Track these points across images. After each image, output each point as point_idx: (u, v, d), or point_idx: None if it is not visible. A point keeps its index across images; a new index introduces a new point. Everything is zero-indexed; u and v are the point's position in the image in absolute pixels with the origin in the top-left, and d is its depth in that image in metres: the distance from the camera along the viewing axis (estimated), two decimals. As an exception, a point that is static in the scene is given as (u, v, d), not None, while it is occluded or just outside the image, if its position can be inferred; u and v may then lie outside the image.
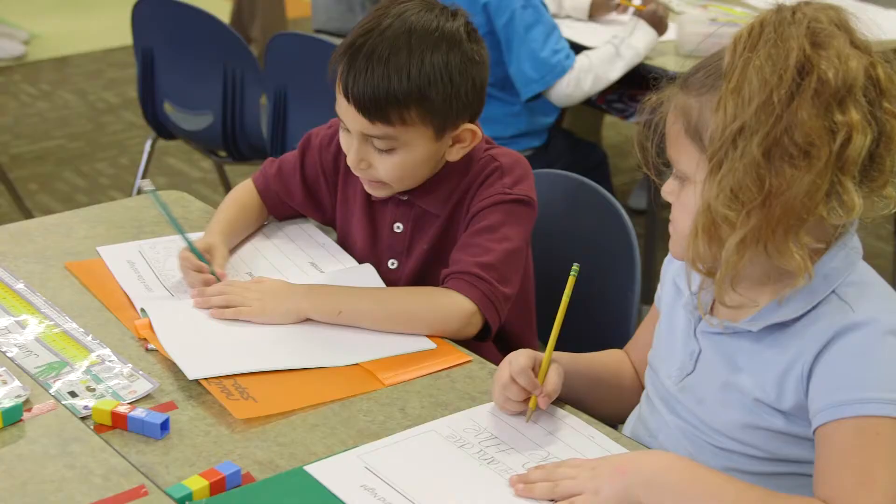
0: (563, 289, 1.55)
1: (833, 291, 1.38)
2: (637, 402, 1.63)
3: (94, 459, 1.40)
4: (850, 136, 1.29)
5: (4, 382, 1.52)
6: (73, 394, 1.53)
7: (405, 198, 1.85)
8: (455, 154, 1.79)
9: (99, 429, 1.47)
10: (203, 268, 1.79)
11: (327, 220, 1.99)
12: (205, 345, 1.66)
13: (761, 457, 1.44)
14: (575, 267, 1.54)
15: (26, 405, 1.48)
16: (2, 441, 1.42)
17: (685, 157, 1.39)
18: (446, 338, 1.72)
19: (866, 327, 1.34)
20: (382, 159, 1.75)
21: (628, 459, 1.41)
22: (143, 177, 3.73)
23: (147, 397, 1.54)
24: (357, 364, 1.65)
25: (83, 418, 1.48)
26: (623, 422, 1.66)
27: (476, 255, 1.75)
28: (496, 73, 3.05)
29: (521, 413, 1.53)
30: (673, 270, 1.58)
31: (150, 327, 1.69)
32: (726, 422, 1.45)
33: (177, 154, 4.69)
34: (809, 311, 1.38)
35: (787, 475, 1.43)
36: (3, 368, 1.55)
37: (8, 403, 1.45)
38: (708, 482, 1.35)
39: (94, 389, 1.54)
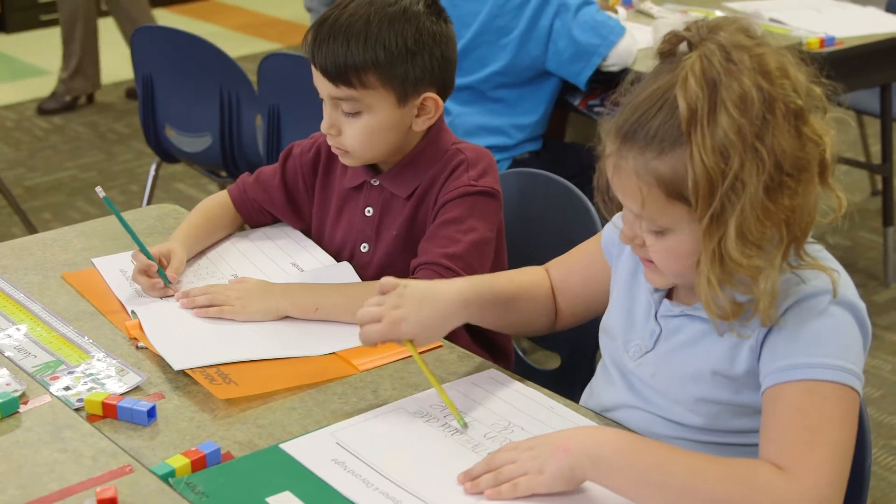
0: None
1: (792, 271, 1.43)
2: (547, 321, 1.76)
3: (84, 444, 1.51)
4: (823, 142, 1.37)
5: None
6: (66, 388, 1.64)
7: (376, 182, 1.98)
8: (421, 124, 1.92)
9: (91, 418, 1.58)
10: (151, 268, 1.89)
11: (304, 226, 2.11)
12: (189, 339, 1.77)
13: (709, 428, 1.51)
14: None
15: (22, 398, 1.60)
16: None
17: (667, 216, 1.41)
18: (418, 326, 1.82)
19: (818, 297, 1.41)
20: (350, 124, 1.89)
21: (569, 436, 1.42)
22: (149, 202, 3.87)
23: (136, 389, 1.65)
24: (333, 353, 1.76)
25: (76, 409, 1.60)
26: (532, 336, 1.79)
27: (443, 245, 1.86)
28: (506, 89, 3.18)
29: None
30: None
31: (140, 328, 1.80)
32: (680, 397, 1.52)
33: (185, 179, 4.83)
34: None
35: (732, 445, 1.50)
36: (3, 369, 1.67)
37: (5, 398, 1.57)
38: (654, 454, 1.38)
39: (87, 384, 1.65)
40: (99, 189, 1.93)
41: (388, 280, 1.63)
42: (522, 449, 1.43)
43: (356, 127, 1.89)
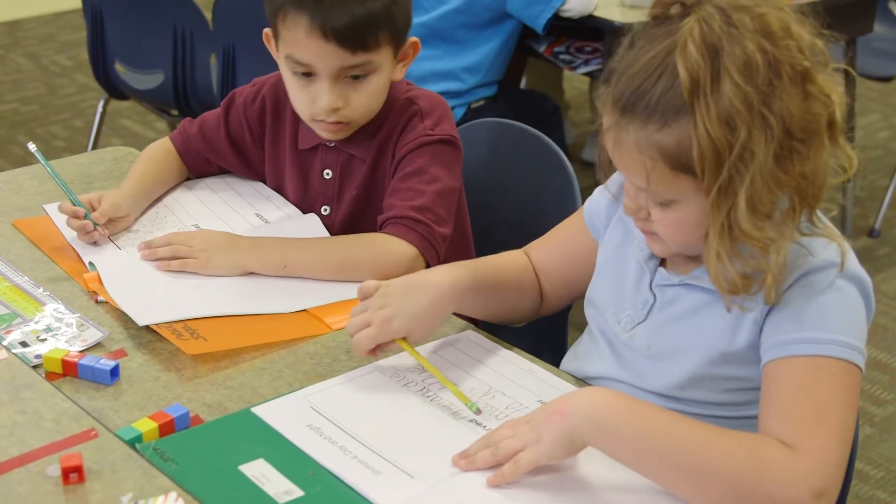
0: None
1: (796, 241, 1.37)
2: (532, 306, 1.69)
3: (44, 405, 1.43)
4: (831, 100, 1.31)
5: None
6: (24, 344, 1.56)
7: (332, 144, 1.89)
8: (399, 73, 1.83)
9: (50, 377, 1.50)
10: (78, 212, 1.81)
11: (257, 179, 2.02)
12: (153, 293, 1.69)
13: (701, 401, 1.46)
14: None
15: (-23, 355, 1.52)
16: (-46, 390, 1.46)
17: (673, 189, 1.34)
18: (391, 282, 1.76)
19: (825, 271, 1.35)
20: (358, 91, 1.78)
21: (565, 399, 1.35)
22: (96, 140, 3.75)
23: (98, 346, 1.58)
24: (304, 310, 1.69)
25: (35, 367, 1.51)
26: (518, 324, 1.73)
27: (409, 199, 1.79)
28: (462, 30, 3.11)
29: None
30: (621, 211, 1.55)
31: (99, 280, 1.72)
32: (674, 369, 1.46)
33: (131, 116, 4.70)
34: None
35: (723, 418, 1.45)
36: (-45, 321, 1.58)
37: (-41, 354, 1.49)
38: (659, 419, 1.31)
39: (45, 339, 1.57)
40: (31, 145, 1.87)
41: (366, 283, 1.56)
42: (521, 422, 1.37)
43: (363, 93, 1.78)
